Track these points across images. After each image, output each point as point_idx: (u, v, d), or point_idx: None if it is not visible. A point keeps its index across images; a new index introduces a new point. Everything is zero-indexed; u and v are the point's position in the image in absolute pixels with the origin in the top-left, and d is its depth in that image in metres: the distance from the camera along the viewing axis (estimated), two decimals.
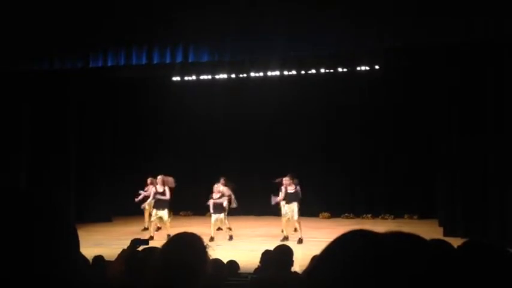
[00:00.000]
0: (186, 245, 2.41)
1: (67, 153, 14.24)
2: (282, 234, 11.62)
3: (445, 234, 10.67)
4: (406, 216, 14.67)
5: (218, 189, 12.04)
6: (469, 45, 10.66)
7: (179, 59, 11.11)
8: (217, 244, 10.10)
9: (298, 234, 11.43)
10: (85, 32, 11.27)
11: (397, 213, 14.87)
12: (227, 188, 12.34)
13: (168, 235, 12.77)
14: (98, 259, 5.59)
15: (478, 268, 1.58)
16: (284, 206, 11.59)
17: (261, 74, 14.26)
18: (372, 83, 14.64)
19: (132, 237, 3.76)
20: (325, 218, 15.26)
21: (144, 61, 11.27)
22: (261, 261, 5.47)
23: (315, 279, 0.87)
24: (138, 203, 12.90)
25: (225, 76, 14.51)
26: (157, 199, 12.13)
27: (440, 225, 12.46)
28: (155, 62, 11.27)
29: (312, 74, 14.25)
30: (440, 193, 12.84)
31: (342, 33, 10.05)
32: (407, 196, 14.79)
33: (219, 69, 13.91)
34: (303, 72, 14.15)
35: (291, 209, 11.50)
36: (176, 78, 14.86)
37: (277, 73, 14.08)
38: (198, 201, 13.63)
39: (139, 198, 12.92)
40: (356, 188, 15.60)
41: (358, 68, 13.87)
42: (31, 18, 11.30)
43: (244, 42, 10.61)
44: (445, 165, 12.20)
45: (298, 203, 11.55)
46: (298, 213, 11.49)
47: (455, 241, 2.01)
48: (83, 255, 3.59)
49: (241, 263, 6.27)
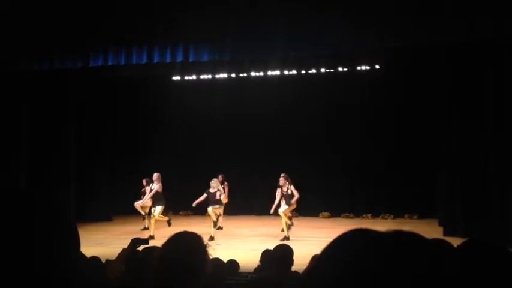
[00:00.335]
0: (186, 244, 2.40)
1: (67, 153, 14.23)
2: (282, 233, 11.65)
3: (445, 234, 10.68)
4: (406, 216, 14.67)
5: (213, 185, 12.10)
6: (469, 45, 10.66)
7: (179, 59, 11.11)
8: (217, 243, 10.10)
9: (285, 233, 11.54)
10: (85, 32, 11.26)
11: (397, 213, 14.87)
12: (222, 185, 12.67)
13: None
14: (94, 260, 5.56)
15: (479, 267, 1.58)
16: (283, 206, 11.62)
17: (261, 73, 14.27)
18: (372, 83, 14.64)
19: (132, 237, 3.76)
20: (325, 217, 15.27)
21: (144, 60, 11.27)
22: (261, 261, 5.48)
23: (315, 279, 0.86)
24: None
25: (225, 76, 14.53)
26: (153, 196, 12.21)
27: (440, 225, 12.47)
28: (155, 61, 11.28)
29: (312, 73, 14.27)
30: (440, 193, 12.84)
31: (342, 33, 10.03)
32: (407, 196, 14.77)
33: (219, 69, 13.94)
34: (303, 72, 14.16)
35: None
36: (176, 78, 14.88)
37: (277, 73, 14.09)
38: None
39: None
40: (356, 188, 15.60)
41: (358, 68, 13.89)
42: (31, 18, 11.29)
43: (244, 42, 10.60)
44: (445, 165, 12.20)
45: (289, 204, 11.56)
46: (288, 214, 11.58)
47: (455, 241, 2.02)
48: (83, 255, 3.59)
49: (241, 263, 6.26)
